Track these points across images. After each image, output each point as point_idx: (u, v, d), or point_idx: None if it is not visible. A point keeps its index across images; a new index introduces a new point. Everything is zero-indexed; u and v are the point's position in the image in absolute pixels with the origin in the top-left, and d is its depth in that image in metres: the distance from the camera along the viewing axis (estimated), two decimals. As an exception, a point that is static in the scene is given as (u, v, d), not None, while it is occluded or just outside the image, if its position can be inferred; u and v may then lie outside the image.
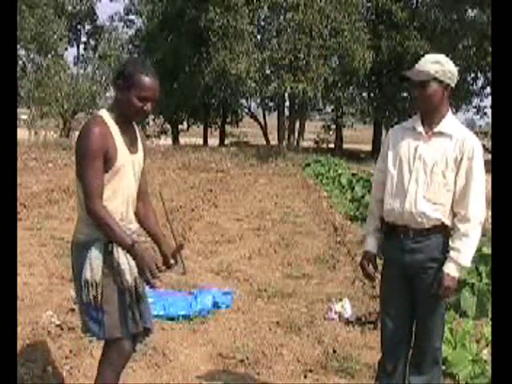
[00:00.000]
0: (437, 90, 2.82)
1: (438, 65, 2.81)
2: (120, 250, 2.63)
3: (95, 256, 2.60)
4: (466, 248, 2.79)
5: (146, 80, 2.55)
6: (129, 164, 2.67)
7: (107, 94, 32.74)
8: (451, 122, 2.88)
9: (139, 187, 2.82)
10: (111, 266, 2.62)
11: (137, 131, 2.80)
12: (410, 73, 2.90)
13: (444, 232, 2.86)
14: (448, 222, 2.85)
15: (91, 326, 2.67)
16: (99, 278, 2.59)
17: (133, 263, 2.67)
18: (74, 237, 2.71)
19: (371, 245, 3.11)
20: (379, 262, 3.11)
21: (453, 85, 2.87)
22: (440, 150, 2.84)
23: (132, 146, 2.70)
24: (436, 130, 2.87)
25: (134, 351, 2.93)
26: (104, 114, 2.62)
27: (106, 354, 2.78)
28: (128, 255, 2.64)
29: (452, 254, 2.80)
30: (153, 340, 4.00)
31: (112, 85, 2.69)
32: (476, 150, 2.81)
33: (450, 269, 2.79)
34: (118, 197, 2.65)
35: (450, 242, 2.82)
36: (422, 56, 2.95)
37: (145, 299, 2.80)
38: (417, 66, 2.86)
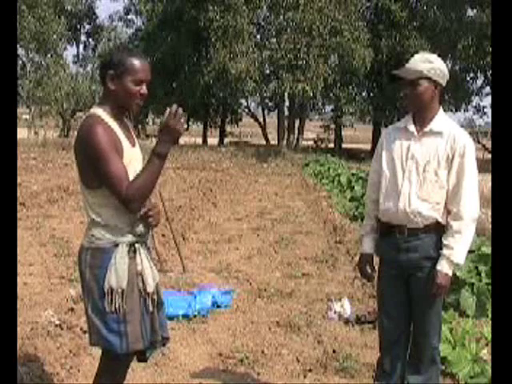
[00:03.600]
0: (427, 88, 2.83)
1: (428, 63, 2.82)
2: (143, 253, 2.53)
3: (120, 261, 2.45)
4: (459, 245, 2.79)
5: (138, 62, 2.48)
6: (134, 159, 2.56)
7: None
8: (442, 121, 2.89)
9: None
10: (134, 272, 2.50)
11: (129, 124, 2.69)
12: (401, 71, 2.90)
13: (439, 231, 2.86)
14: (443, 221, 2.86)
15: (111, 339, 2.47)
16: (125, 285, 2.45)
17: (154, 267, 2.58)
18: (87, 242, 2.52)
19: (368, 245, 3.12)
20: (376, 261, 3.12)
21: (443, 84, 2.88)
22: (432, 148, 2.85)
23: (130, 139, 2.60)
24: (427, 128, 2.88)
25: (146, 360, 2.75)
26: (99, 111, 2.50)
27: (106, 364, 2.63)
28: (149, 259, 2.56)
29: (445, 251, 2.80)
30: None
31: (100, 79, 2.55)
32: (467, 148, 2.82)
33: (443, 266, 2.80)
34: None
35: (443, 240, 2.82)
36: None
37: (163, 306, 2.69)
38: (407, 64, 2.87)
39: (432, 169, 2.83)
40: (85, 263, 2.52)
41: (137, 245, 2.53)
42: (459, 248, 2.79)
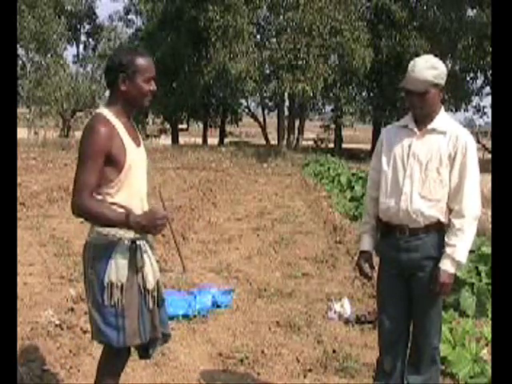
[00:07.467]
0: (435, 94, 2.83)
1: (434, 70, 2.80)
2: (144, 250, 2.57)
3: (121, 256, 2.50)
4: (462, 244, 2.78)
5: (146, 61, 2.59)
6: (138, 159, 2.61)
7: (107, 93, 32.74)
8: (444, 119, 2.89)
9: None
10: (135, 268, 2.54)
11: (134, 125, 2.74)
12: (410, 84, 2.82)
13: (440, 230, 2.86)
14: (444, 220, 2.85)
15: (108, 333, 2.52)
16: (125, 280, 2.50)
17: (155, 264, 2.63)
18: (92, 238, 2.57)
19: (367, 243, 3.12)
20: (376, 261, 3.11)
21: (444, 83, 2.87)
22: (434, 146, 2.84)
23: (135, 140, 2.64)
24: (429, 127, 2.88)
25: (149, 357, 2.79)
26: (105, 111, 2.54)
27: (106, 359, 2.69)
28: (151, 256, 2.60)
29: (447, 249, 2.80)
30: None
31: (108, 81, 2.60)
32: (469, 146, 2.82)
33: (446, 265, 2.79)
34: (135, 197, 2.57)
35: (446, 238, 2.82)
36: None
37: (164, 303, 2.71)
38: (413, 74, 2.80)
39: (434, 167, 2.83)
40: (88, 258, 2.57)
41: (138, 241, 2.56)
42: (462, 246, 2.79)
